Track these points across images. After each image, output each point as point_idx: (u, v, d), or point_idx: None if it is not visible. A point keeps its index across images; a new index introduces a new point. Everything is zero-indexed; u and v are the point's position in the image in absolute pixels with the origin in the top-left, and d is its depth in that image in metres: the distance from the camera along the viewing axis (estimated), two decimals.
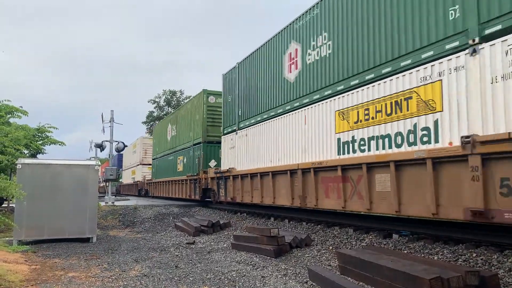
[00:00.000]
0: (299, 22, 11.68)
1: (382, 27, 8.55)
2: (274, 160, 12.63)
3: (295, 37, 11.88)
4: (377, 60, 8.66)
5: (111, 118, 23.82)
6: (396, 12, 8.16)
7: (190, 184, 20.04)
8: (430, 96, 7.34)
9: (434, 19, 7.35)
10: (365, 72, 8.98)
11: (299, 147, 11.29)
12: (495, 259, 6.09)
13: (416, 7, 7.68)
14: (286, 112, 12.17)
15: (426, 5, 7.47)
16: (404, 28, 7.95)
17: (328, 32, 10.37)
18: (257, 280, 6.66)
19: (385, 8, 8.45)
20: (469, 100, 6.63)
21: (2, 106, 16.47)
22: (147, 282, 6.69)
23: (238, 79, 15.79)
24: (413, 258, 6.15)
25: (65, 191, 11.48)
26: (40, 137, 18.86)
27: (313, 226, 10.70)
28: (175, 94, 63.52)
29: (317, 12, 10.84)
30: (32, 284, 6.62)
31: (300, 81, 11.54)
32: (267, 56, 13.54)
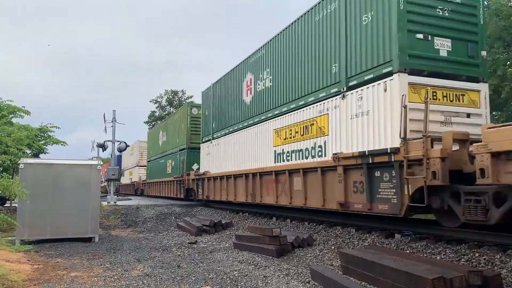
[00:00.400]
0: (253, 57, 14.63)
1: (299, 73, 11.57)
2: (236, 166, 15.44)
3: (250, 69, 14.82)
4: (296, 95, 11.63)
5: (113, 118, 23.85)
6: (306, 64, 11.22)
7: (177, 184, 22.81)
8: (322, 124, 10.36)
9: (325, 71, 10.34)
10: (290, 102, 11.94)
11: (251, 156, 14.31)
12: (498, 259, 6.07)
13: (316, 63, 10.71)
14: (244, 127, 15.05)
15: (321, 62, 10.51)
16: (310, 75, 10.98)
17: (269, 69, 13.36)
18: (259, 280, 6.66)
19: (299, 61, 11.56)
20: (340, 129, 9.63)
21: (5, 106, 16.51)
22: (149, 282, 6.70)
23: (212, 97, 18.67)
24: (415, 258, 6.14)
25: (67, 191, 11.50)
26: (43, 137, 18.90)
27: (315, 226, 10.69)
28: (176, 94, 63.55)
29: (263, 52, 13.84)
30: (35, 283, 6.64)
31: (253, 104, 14.48)
32: (233, 81, 16.42)
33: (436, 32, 8.39)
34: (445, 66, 8.42)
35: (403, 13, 8.05)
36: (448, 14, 8.55)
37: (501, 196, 6.25)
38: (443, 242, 7.26)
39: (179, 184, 22.17)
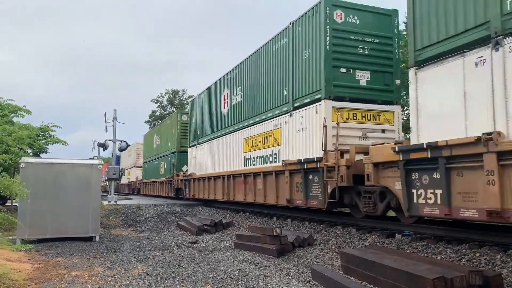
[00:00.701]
0: (229, 75, 16.82)
1: (261, 92, 13.73)
2: (215, 168, 17.60)
3: (227, 85, 17.00)
4: (260, 110, 13.80)
5: (114, 117, 23.86)
6: (266, 85, 13.38)
7: (168, 184, 24.82)
8: (277, 136, 12.50)
9: (279, 93, 12.51)
10: (255, 116, 14.07)
11: (226, 160, 16.46)
12: (499, 259, 6.06)
13: (273, 85, 12.87)
14: (221, 135, 17.21)
15: (276, 85, 12.65)
16: (269, 95, 13.13)
17: (241, 86, 15.49)
18: (260, 280, 6.66)
19: (262, 81, 13.70)
20: (289, 140, 11.74)
21: (6, 105, 16.53)
22: (150, 281, 6.70)
23: (198, 106, 20.89)
24: (416, 258, 6.14)
25: (68, 190, 11.51)
26: (43, 136, 18.92)
27: (316, 226, 10.68)
28: (177, 94, 63.57)
29: (236, 71, 16.02)
30: (35, 282, 6.64)
31: (229, 115, 16.63)
32: (214, 94, 18.66)
33: (357, 66, 10.52)
34: (364, 93, 10.54)
35: (329, 53, 10.22)
36: (368, 51, 10.67)
37: (384, 194, 8.40)
38: (444, 242, 7.25)
39: (170, 184, 24.26)
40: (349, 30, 10.56)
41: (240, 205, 16.65)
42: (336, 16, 10.50)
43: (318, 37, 10.50)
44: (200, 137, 20.01)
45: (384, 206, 8.40)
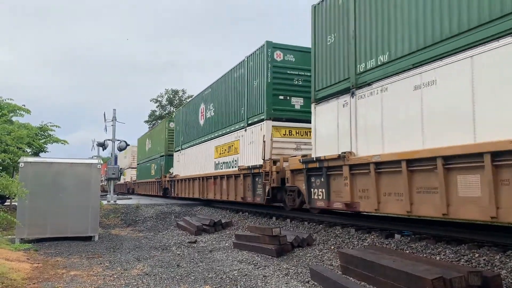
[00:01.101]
0: (204, 92, 19.79)
1: (227, 108, 16.59)
2: (194, 171, 20.34)
3: (203, 100, 19.87)
4: (226, 124, 16.63)
5: (113, 117, 23.84)
6: (230, 104, 16.21)
7: (157, 184, 27.67)
8: (236, 146, 15.33)
9: (238, 111, 15.34)
10: (223, 129, 16.91)
11: (202, 164, 19.31)
12: (498, 259, 6.06)
13: (235, 104, 15.69)
14: (199, 143, 19.98)
15: (237, 104, 15.48)
16: (232, 112, 15.97)
17: (213, 103, 18.39)
18: (259, 280, 6.66)
19: (228, 100, 16.49)
20: (244, 150, 14.52)
21: (5, 104, 16.51)
22: (148, 281, 6.70)
23: (181, 115, 24.05)
24: (415, 258, 6.14)
25: (67, 189, 11.50)
26: (43, 136, 18.91)
27: (315, 226, 10.68)
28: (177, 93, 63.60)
29: (209, 90, 19.05)
30: (34, 282, 6.63)
31: (204, 126, 19.49)
32: (194, 107, 21.66)
33: (293, 94, 13.36)
34: (299, 115, 13.29)
35: (270, 84, 13.11)
36: (301, 82, 13.41)
37: (299, 192, 11.27)
38: (443, 243, 7.25)
39: (159, 184, 27.13)
40: (286, 66, 13.42)
41: (239, 205, 16.69)
42: (276, 55, 13.42)
43: (263, 71, 13.35)
44: (183, 144, 22.84)
45: (300, 201, 11.41)
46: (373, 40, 8.58)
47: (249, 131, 14.29)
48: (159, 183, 26.80)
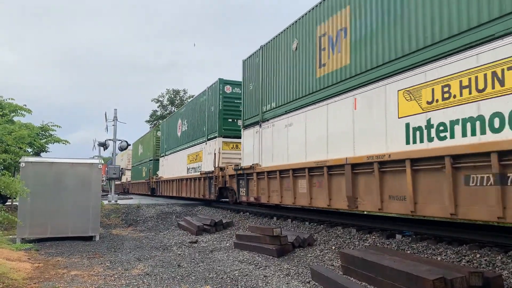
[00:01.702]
0: (182, 109, 24.70)
1: (195, 126, 20.81)
2: (173, 174, 24.59)
3: (180, 117, 24.45)
4: (194, 137, 20.87)
5: (114, 116, 23.86)
6: (196, 122, 20.58)
7: (147, 184, 31.99)
8: (201, 155, 19.18)
9: (201, 128, 19.46)
10: (192, 141, 21.31)
11: (178, 168, 23.64)
12: (499, 260, 6.04)
13: (199, 122, 20.07)
14: (177, 151, 24.33)
15: (200, 122, 19.66)
16: (197, 128, 20.33)
17: (186, 119, 22.88)
18: (260, 280, 6.65)
19: (194, 119, 21.01)
20: (205, 159, 18.81)
21: (6, 104, 16.52)
22: (149, 281, 6.69)
23: (165, 127, 28.65)
24: (416, 259, 6.12)
25: (68, 189, 11.50)
26: (44, 136, 18.92)
27: (316, 226, 10.67)
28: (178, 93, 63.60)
29: (184, 109, 24.07)
30: (35, 282, 6.63)
31: (181, 137, 24.02)
32: (173, 121, 26.27)
33: (238, 117, 16.73)
34: None
35: (222, 111, 17.78)
36: None
37: (235, 190, 15.49)
38: (444, 243, 7.24)
39: (148, 184, 31.57)
40: (233, 96, 17.83)
41: (240, 205, 16.70)
42: (226, 89, 18.04)
43: (217, 100, 17.93)
44: (166, 150, 27.06)
45: (235, 198, 15.73)
46: (269, 92, 13.33)
47: (208, 144, 18.74)
48: (148, 183, 31.16)
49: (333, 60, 10.09)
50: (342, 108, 9.60)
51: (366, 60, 8.92)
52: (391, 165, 7.92)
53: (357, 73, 9.19)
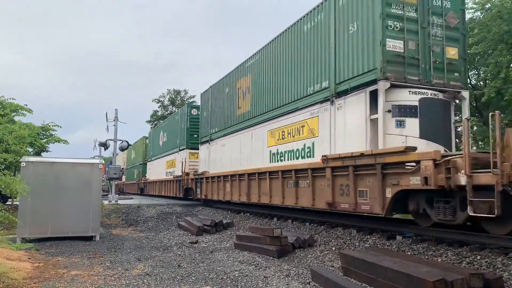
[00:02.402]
0: (163, 123, 29.18)
1: (171, 138, 25.93)
2: (156, 176, 29.35)
3: (162, 129, 29.31)
4: (171, 147, 25.76)
5: (115, 117, 23.88)
6: (172, 136, 26.04)
7: (137, 185, 37.14)
8: (175, 162, 24.57)
9: (176, 141, 24.88)
10: (169, 151, 26.39)
11: (160, 172, 28.14)
12: (500, 261, 6.03)
13: (174, 137, 25.30)
14: (159, 158, 29.30)
15: (176, 137, 25.01)
16: (173, 140, 25.57)
17: (166, 132, 27.52)
18: (260, 280, 6.65)
19: (171, 133, 26.19)
20: (178, 165, 23.90)
21: (7, 104, 16.54)
22: (149, 281, 6.69)
23: (151, 136, 33.76)
24: (416, 260, 6.12)
25: (69, 189, 11.50)
26: (45, 135, 18.93)
27: (316, 227, 10.66)
28: (179, 94, 63.59)
29: (164, 123, 30.12)
30: (35, 281, 6.63)
31: (162, 147, 28.74)
32: (157, 132, 31.04)
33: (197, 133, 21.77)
34: None
35: (188, 129, 22.39)
36: None
37: (194, 190, 20.36)
38: (445, 244, 7.23)
39: (138, 185, 36.55)
40: (198, 118, 21.98)
41: (241, 205, 16.72)
42: (192, 111, 22.98)
43: (185, 120, 22.98)
44: (152, 156, 32.04)
45: (197, 195, 19.71)
46: (215, 119, 18.67)
47: (180, 154, 23.69)
48: (138, 184, 36.64)
49: (244, 105, 15.67)
50: (247, 138, 15.20)
51: (257, 109, 14.55)
52: (263, 175, 13.29)
53: (252, 117, 14.83)
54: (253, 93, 14.72)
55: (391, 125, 8.82)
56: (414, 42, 9.11)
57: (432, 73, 9.24)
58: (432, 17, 9.40)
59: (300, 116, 11.66)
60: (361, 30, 9.36)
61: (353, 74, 9.54)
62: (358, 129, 9.29)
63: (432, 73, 9.23)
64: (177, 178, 23.00)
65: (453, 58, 9.55)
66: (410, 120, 8.84)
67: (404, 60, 8.96)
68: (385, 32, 8.84)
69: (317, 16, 11.19)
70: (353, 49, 9.61)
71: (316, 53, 11.00)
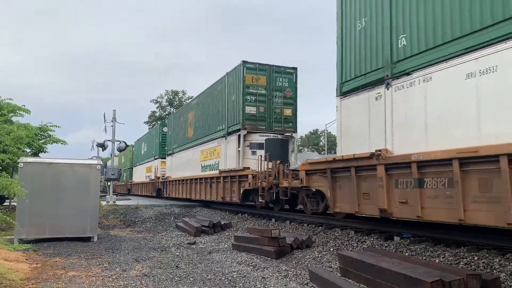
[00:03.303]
0: (144, 136, 38.20)
1: (149, 149, 35.03)
2: (139, 179, 36.95)
3: (143, 141, 37.24)
4: (148, 156, 34.68)
5: (113, 117, 23.86)
6: (149, 147, 35.07)
7: (125, 186, 44.32)
8: (151, 168, 32.16)
9: (152, 151, 33.36)
10: (148, 158, 34.17)
11: (142, 175, 36.13)
12: (497, 262, 6.06)
13: (150, 147, 34.73)
14: (142, 164, 36.84)
15: (151, 148, 34.38)
16: (150, 152, 34.06)
17: (146, 144, 35.77)
18: (258, 281, 6.65)
19: (149, 145, 35.00)
20: (153, 171, 32.22)
21: (4, 104, 16.48)
22: (147, 282, 6.69)
23: (136, 146, 40.54)
24: (414, 261, 6.13)
25: (67, 190, 11.47)
26: (42, 136, 18.88)
27: (314, 228, 10.68)
28: (177, 94, 63.64)
29: (145, 136, 37.83)
30: (33, 282, 6.62)
31: (143, 155, 36.39)
32: (140, 143, 38.50)
33: None
34: None
35: (161, 143, 29.90)
36: None
37: (162, 190, 28.04)
38: (442, 245, 7.25)
39: (126, 186, 44.11)
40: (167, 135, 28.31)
41: (239, 206, 16.70)
42: (164, 129, 29.49)
43: (158, 136, 30.05)
44: (136, 162, 39.74)
45: (164, 194, 26.92)
46: (176, 137, 25.58)
47: (155, 162, 30.32)
48: (126, 185, 44.07)
49: (190, 131, 22.58)
50: (190, 154, 22.06)
51: (196, 135, 21.33)
52: (196, 180, 19.99)
53: (194, 140, 21.59)
54: (195, 123, 21.93)
55: (249, 153, 15.92)
56: (263, 107, 16.15)
57: (274, 124, 16.29)
58: (275, 92, 16.34)
59: (214, 143, 18.76)
60: (235, 100, 16.53)
61: (232, 124, 16.84)
62: (233, 155, 16.36)
63: (274, 124, 16.29)
64: (152, 181, 30.27)
65: (288, 115, 16.52)
66: (260, 150, 15.13)
67: (256, 118, 16.06)
68: (245, 103, 15.89)
69: (219, 84, 18.54)
70: (231, 110, 16.95)
71: (220, 107, 18.28)
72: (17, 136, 14.73)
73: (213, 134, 18.66)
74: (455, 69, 6.81)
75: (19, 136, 14.78)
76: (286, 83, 16.30)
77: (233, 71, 16.92)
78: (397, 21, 8.08)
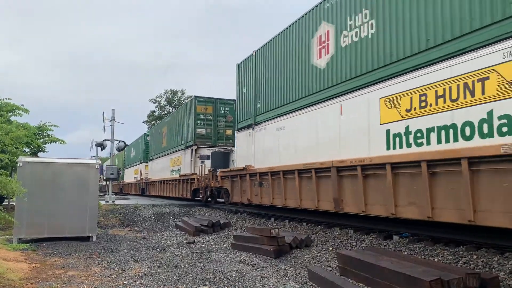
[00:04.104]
0: (134, 143, 41.57)
1: (136, 154, 41.99)
2: (129, 180, 42.92)
3: (132, 146, 41.53)
4: (135, 160, 41.68)
5: (112, 117, 23.85)
6: (136, 152, 41.78)
7: (117, 186, 47.67)
8: (138, 171, 38.36)
9: (138, 156, 38.76)
10: (135, 162, 41.25)
11: (131, 176, 42.09)
12: (496, 261, 6.06)
13: (137, 152, 40.27)
14: (130, 167, 42.74)
15: (138, 153, 38.96)
16: (137, 156, 39.74)
17: (134, 149, 41.50)
18: (257, 281, 6.65)
19: (136, 151, 41.60)
20: (139, 173, 38.48)
21: (3, 104, 16.47)
22: (146, 282, 6.69)
23: (127, 150, 42.81)
24: (413, 260, 6.13)
25: (65, 189, 11.46)
26: (41, 136, 18.86)
27: (313, 227, 10.68)
28: (176, 94, 63.59)
29: (134, 143, 41.65)
30: (32, 282, 6.62)
31: (132, 159, 42.60)
32: (130, 148, 41.81)
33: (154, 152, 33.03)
34: None
35: (145, 150, 34.56)
36: None
37: (145, 189, 33.77)
38: (441, 244, 7.26)
39: (118, 186, 47.69)
40: None
41: (238, 206, 16.70)
42: (148, 138, 34.14)
43: (143, 143, 34.95)
44: (127, 165, 44.07)
45: (146, 192, 32.77)
46: (153, 146, 31.81)
47: (140, 165, 35.00)
48: (118, 185, 47.72)
49: (165, 142, 27.57)
50: (165, 160, 27.30)
51: (169, 145, 26.27)
52: (169, 182, 25.89)
53: (167, 149, 26.68)
54: (167, 137, 27.16)
55: (199, 163, 20.35)
56: (210, 129, 21.47)
57: (218, 141, 21.47)
58: (219, 118, 21.57)
59: (178, 154, 23.93)
60: (186, 124, 22.48)
61: (188, 140, 21.96)
62: (189, 163, 21.26)
63: (218, 141, 21.47)
64: (138, 181, 35.58)
65: (229, 134, 21.35)
66: (207, 161, 19.73)
67: (204, 137, 21.37)
68: (196, 125, 21.22)
69: (180, 111, 25.04)
70: (188, 131, 22.14)
71: (181, 127, 23.72)
72: (16, 136, 14.71)
73: (177, 147, 24.14)
74: (272, 124, 12.97)
75: (18, 136, 14.77)
76: (228, 111, 21.75)
77: (189, 102, 23.34)
78: (256, 94, 14.35)
